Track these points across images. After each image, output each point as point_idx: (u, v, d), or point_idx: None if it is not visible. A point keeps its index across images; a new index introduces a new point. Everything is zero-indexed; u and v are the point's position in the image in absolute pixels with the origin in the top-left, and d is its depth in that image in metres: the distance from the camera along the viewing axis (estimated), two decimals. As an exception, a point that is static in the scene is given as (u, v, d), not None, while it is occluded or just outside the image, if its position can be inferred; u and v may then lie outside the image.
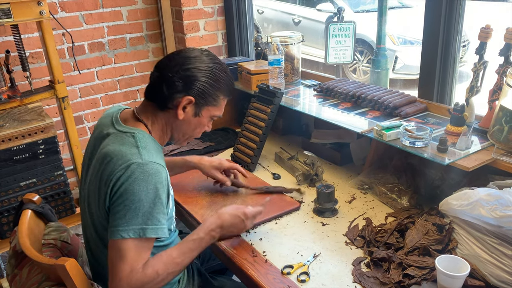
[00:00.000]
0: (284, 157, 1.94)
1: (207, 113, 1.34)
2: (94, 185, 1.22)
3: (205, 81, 1.27)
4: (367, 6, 6.05)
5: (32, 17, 2.07)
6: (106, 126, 1.31)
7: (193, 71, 1.25)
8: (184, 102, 1.26)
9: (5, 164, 2.14)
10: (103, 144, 1.25)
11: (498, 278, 1.15)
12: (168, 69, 1.26)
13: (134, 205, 1.13)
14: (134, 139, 1.22)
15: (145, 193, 1.14)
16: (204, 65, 1.27)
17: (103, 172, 1.18)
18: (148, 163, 1.16)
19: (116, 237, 1.13)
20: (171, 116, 1.30)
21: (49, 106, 2.72)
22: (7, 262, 1.27)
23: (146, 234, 1.14)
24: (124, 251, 1.13)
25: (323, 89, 2.03)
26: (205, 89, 1.27)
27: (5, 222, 2.22)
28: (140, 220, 1.14)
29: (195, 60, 1.27)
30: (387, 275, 1.22)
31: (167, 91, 1.25)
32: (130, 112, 1.35)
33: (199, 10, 2.87)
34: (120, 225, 1.13)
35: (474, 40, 1.50)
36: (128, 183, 1.13)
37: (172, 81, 1.24)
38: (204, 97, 1.29)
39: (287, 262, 1.32)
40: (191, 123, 1.33)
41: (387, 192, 1.61)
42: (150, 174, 1.15)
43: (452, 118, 1.54)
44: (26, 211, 1.29)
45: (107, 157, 1.19)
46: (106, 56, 2.87)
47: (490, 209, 1.14)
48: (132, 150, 1.18)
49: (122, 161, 1.16)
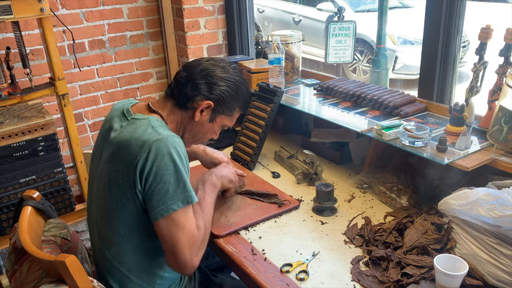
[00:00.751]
0: (284, 156, 1.94)
1: (221, 121, 1.41)
2: (116, 173, 1.23)
3: (227, 91, 1.35)
4: (367, 5, 6.06)
5: (32, 14, 2.07)
6: (117, 118, 1.33)
7: (219, 79, 1.34)
8: (203, 105, 1.33)
9: (5, 161, 2.14)
10: (116, 134, 1.27)
11: (497, 278, 1.16)
12: (196, 71, 1.34)
13: (172, 177, 1.19)
14: (147, 121, 1.26)
15: (176, 164, 1.19)
16: (229, 76, 1.36)
17: (125, 159, 1.21)
18: (168, 136, 1.21)
19: (168, 212, 1.18)
20: (188, 116, 1.36)
21: (49, 103, 2.72)
22: (6, 258, 1.27)
23: (193, 200, 1.22)
24: (180, 222, 1.19)
25: (323, 88, 2.04)
26: (225, 97, 1.35)
27: (4, 219, 2.22)
28: (182, 190, 1.20)
29: (223, 70, 1.36)
30: (385, 274, 1.22)
31: (190, 91, 1.32)
32: (143, 105, 1.38)
33: (200, 8, 2.87)
34: (168, 201, 1.18)
35: (474, 40, 1.51)
36: (158, 161, 1.17)
37: (197, 83, 1.32)
38: (223, 105, 1.37)
39: (286, 261, 1.32)
40: (204, 127, 1.39)
41: (386, 192, 1.62)
42: (174, 146, 1.20)
43: (452, 118, 1.55)
44: (26, 208, 1.29)
45: (125, 144, 1.22)
46: (107, 53, 2.87)
47: (489, 209, 1.14)
48: (148, 130, 1.22)
49: (142, 142, 1.19)
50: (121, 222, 1.26)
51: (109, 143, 1.28)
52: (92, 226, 1.39)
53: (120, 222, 1.26)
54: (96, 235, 1.36)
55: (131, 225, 1.26)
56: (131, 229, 1.26)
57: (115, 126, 1.30)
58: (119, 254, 1.29)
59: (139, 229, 1.27)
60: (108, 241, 1.29)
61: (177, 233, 1.19)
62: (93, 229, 1.38)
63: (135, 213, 1.24)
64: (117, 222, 1.26)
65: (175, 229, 1.19)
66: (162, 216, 1.18)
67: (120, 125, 1.29)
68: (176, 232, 1.19)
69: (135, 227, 1.26)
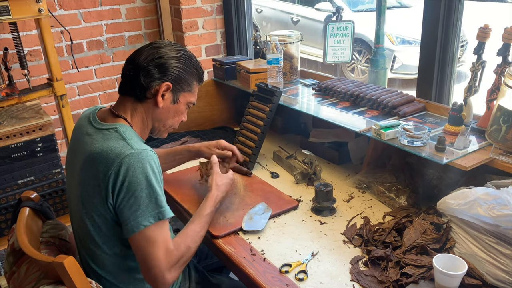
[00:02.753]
0: (283, 156, 1.94)
1: (184, 99, 1.38)
2: (88, 186, 1.22)
3: (179, 67, 1.32)
4: (365, 5, 6.06)
5: (30, 14, 2.07)
6: (84, 127, 1.31)
7: (166, 59, 1.30)
8: (162, 88, 1.30)
9: (2, 161, 2.14)
10: (86, 145, 1.25)
11: (495, 277, 1.16)
12: (141, 60, 1.29)
13: (143, 193, 1.17)
14: (117, 133, 1.24)
15: (149, 179, 1.18)
16: (175, 53, 1.32)
17: (96, 172, 1.19)
18: (141, 151, 1.19)
19: (139, 229, 1.17)
20: (151, 106, 1.33)
21: (47, 104, 2.71)
22: (4, 259, 1.26)
23: (164, 216, 1.20)
24: (152, 237, 1.17)
25: (322, 88, 2.04)
26: (180, 74, 1.32)
27: (2, 220, 2.21)
28: (154, 205, 1.18)
29: (166, 49, 1.32)
30: (384, 274, 1.22)
31: (144, 80, 1.28)
32: (106, 110, 1.35)
33: (198, 8, 2.87)
34: (138, 217, 1.17)
35: (473, 40, 1.51)
36: (129, 175, 1.16)
37: (147, 70, 1.28)
38: (180, 82, 1.34)
39: (285, 261, 1.32)
40: (170, 110, 1.36)
41: (385, 191, 1.61)
42: (147, 160, 1.19)
43: (450, 118, 1.55)
44: (24, 209, 1.29)
45: (96, 157, 1.19)
46: (105, 54, 2.86)
47: (488, 208, 1.14)
48: (120, 143, 1.20)
49: (114, 156, 1.17)
50: (97, 233, 1.25)
51: (80, 154, 1.27)
52: (75, 236, 1.38)
53: (96, 233, 1.25)
54: (79, 244, 1.36)
55: (108, 236, 1.25)
56: (109, 239, 1.25)
57: (84, 138, 1.27)
58: (103, 264, 1.28)
59: (117, 240, 1.26)
60: (90, 251, 1.28)
61: (148, 249, 1.17)
62: (76, 238, 1.37)
63: (109, 225, 1.23)
64: (94, 234, 1.25)
65: (146, 244, 1.17)
66: (134, 232, 1.17)
67: (89, 136, 1.27)
68: (147, 248, 1.17)
69: (112, 238, 1.25)
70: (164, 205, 1.21)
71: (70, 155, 1.36)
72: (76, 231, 1.35)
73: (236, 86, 2.27)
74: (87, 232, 1.27)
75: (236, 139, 2.02)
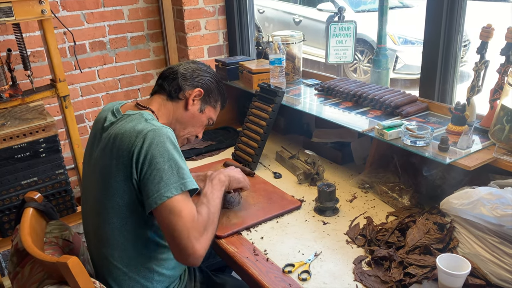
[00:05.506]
0: (285, 156, 1.94)
1: (208, 112, 1.50)
2: (110, 167, 1.24)
3: (212, 81, 1.48)
4: (367, 5, 6.05)
5: (33, 15, 2.08)
6: (108, 117, 1.36)
7: (203, 72, 1.47)
8: (195, 93, 1.43)
9: (6, 162, 2.15)
10: (108, 129, 1.31)
11: (499, 277, 1.15)
12: (182, 68, 1.46)
13: (166, 165, 1.20)
14: (140, 115, 1.30)
15: (170, 152, 1.21)
16: (210, 71, 1.51)
17: (120, 150, 1.22)
18: (161, 127, 1.25)
19: (162, 200, 1.18)
20: (180, 106, 1.43)
21: (51, 105, 2.72)
22: (8, 260, 1.27)
23: (187, 187, 1.22)
24: (176, 207, 1.19)
25: (324, 88, 2.04)
26: (211, 87, 1.48)
27: (6, 221, 2.22)
28: (176, 177, 1.21)
29: (204, 67, 1.50)
30: (388, 274, 1.22)
31: (181, 82, 1.42)
32: (130, 105, 1.42)
33: (200, 9, 2.87)
34: (161, 189, 1.19)
35: (475, 39, 1.51)
36: (152, 149, 1.20)
37: (185, 75, 1.44)
38: (210, 94, 1.48)
39: (288, 261, 1.32)
40: (194, 117, 1.46)
41: (388, 191, 1.61)
42: (167, 135, 1.24)
43: (453, 117, 1.55)
44: (28, 209, 1.29)
45: (119, 137, 1.24)
46: (107, 55, 2.87)
47: (491, 208, 1.14)
48: (142, 123, 1.26)
49: (137, 133, 1.22)
50: (117, 216, 1.26)
51: (101, 139, 1.31)
52: (87, 226, 1.40)
53: (116, 215, 1.26)
54: (92, 234, 1.36)
55: (127, 218, 1.26)
56: (127, 222, 1.27)
57: (106, 124, 1.33)
58: (116, 250, 1.29)
59: (134, 222, 1.27)
60: (105, 238, 1.29)
61: (173, 220, 1.18)
62: (89, 228, 1.38)
63: (131, 204, 1.25)
64: (113, 216, 1.26)
65: (171, 216, 1.18)
66: (157, 204, 1.18)
67: (111, 122, 1.33)
68: (172, 219, 1.18)
69: (130, 220, 1.27)
70: (186, 177, 1.23)
71: (90, 144, 1.39)
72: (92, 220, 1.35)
73: (239, 86, 2.28)
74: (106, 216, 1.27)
75: (238, 139, 2.02)
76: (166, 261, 1.34)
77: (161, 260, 1.33)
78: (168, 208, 1.18)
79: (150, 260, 1.31)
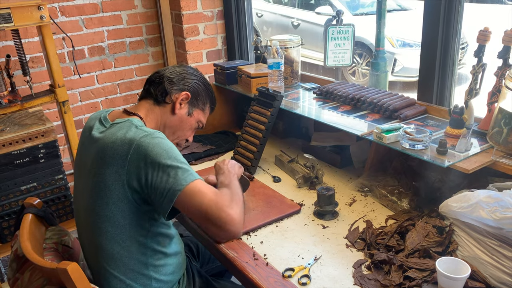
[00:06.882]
0: (284, 160, 1.94)
1: (197, 115, 1.50)
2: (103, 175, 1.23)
3: (199, 84, 1.48)
4: (366, 9, 6.07)
5: (32, 21, 2.08)
6: (95, 126, 1.34)
7: (190, 75, 1.47)
8: (181, 96, 1.43)
9: (5, 168, 2.15)
10: (97, 139, 1.28)
11: (499, 280, 1.15)
12: (168, 71, 1.45)
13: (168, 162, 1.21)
14: (129, 122, 1.29)
15: (168, 150, 1.23)
16: (197, 73, 1.51)
17: (112, 160, 1.21)
18: (154, 132, 1.27)
19: (182, 186, 1.21)
20: (167, 111, 1.43)
21: (50, 110, 2.72)
22: (8, 266, 1.27)
23: (195, 176, 1.26)
24: (195, 188, 1.23)
25: (323, 92, 2.04)
26: (198, 90, 1.48)
27: (5, 226, 2.22)
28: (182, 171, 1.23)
29: (190, 70, 1.50)
30: (387, 278, 1.22)
31: (167, 86, 1.41)
32: (118, 112, 1.41)
33: (199, 14, 2.88)
34: (177, 181, 1.21)
35: (473, 42, 1.51)
36: (149, 152, 1.21)
37: (171, 78, 1.43)
38: (197, 97, 1.48)
39: (288, 265, 1.32)
40: (182, 121, 1.46)
41: (387, 195, 1.61)
42: (161, 137, 1.26)
43: (452, 121, 1.55)
44: (27, 215, 1.29)
45: (111, 146, 1.23)
46: (106, 60, 2.88)
47: (490, 211, 1.14)
48: (133, 129, 1.26)
49: (129, 140, 1.22)
50: (111, 225, 1.25)
51: (91, 150, 1.29)
52: (82, 237, 1.39)
53: (110, 224, 1.25)
54: (87, 244, 1.36)
55: (122, 226, 1.25)
56: (122, 230, 1.26)
57: (95, 134, 1.31)
58: (112, 259, 1.28)
59: (129, 229, 1.26)
60: (100, 247, 1.28)
61: (198, 200, 1.23)
62: (84, 240, 1.37)
63: (126, 211, 1.24)
64: (108, 225, 1.25)
65: (194, 198, 1.22)
66: (175, 196, 1.21)
67: (100, 131, 1.31)
68: (197, 200, 1.23)
69: (126, 228, 1.26)
70: (191, 169, 1.26)
71: (80, 156, 1.38)
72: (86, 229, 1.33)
73: (237, 90, 2.28)
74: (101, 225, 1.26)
75: (237, 143, 2.02)
76: (163, 267, 1.34)
77: (158, 267, 1.33)
78: (188, 193, 1.21)
79: (147, 267, 1.31)
